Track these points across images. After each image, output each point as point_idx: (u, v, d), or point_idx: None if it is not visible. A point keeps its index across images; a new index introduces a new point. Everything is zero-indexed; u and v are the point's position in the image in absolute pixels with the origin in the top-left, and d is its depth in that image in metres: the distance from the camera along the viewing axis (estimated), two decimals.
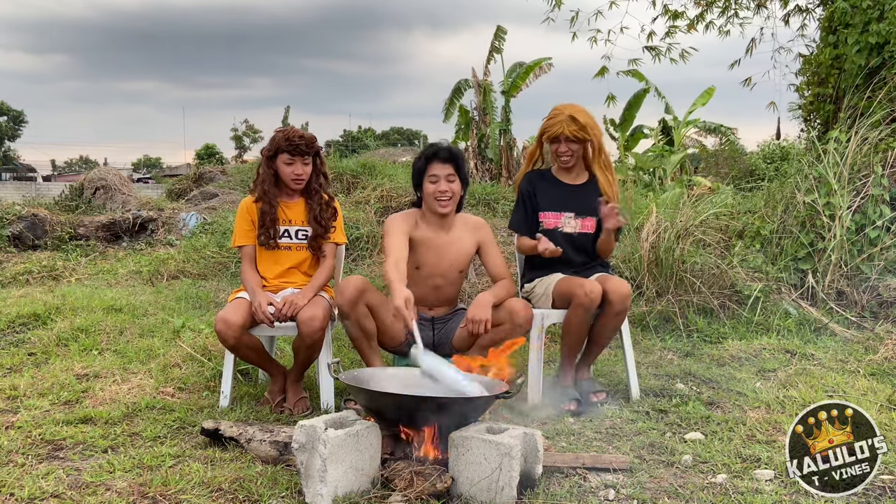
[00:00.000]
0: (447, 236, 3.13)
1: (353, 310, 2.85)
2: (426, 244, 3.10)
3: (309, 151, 3.12)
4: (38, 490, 2.13)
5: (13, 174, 47.55)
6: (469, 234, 3.18)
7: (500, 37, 13.58)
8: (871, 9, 5.51)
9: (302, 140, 3.09)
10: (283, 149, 3.09)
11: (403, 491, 2.07)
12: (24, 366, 3.60)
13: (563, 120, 3.24)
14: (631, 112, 15.48)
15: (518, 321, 2.91)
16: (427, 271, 3.11)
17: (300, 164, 3.12)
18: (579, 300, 3.01)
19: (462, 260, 3.16)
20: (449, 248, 3.12)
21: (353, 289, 2.83)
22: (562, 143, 3.29)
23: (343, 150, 23.36)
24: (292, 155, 3.10)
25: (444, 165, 3.04)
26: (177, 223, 8.35)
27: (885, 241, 4.82)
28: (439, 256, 3.11)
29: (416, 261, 3.08)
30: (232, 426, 2.52)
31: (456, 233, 3.16)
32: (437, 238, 3.11)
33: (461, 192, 3.11)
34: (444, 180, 3.03)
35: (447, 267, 3.13)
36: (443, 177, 3.03)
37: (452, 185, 3.05)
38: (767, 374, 3.67)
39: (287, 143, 3.08)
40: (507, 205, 7.78)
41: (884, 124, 5.29)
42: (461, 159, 3.11)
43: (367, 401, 2.31)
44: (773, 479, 2.27)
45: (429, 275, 3.11)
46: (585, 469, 2.32)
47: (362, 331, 2.92)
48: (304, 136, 3.13)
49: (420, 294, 3.11)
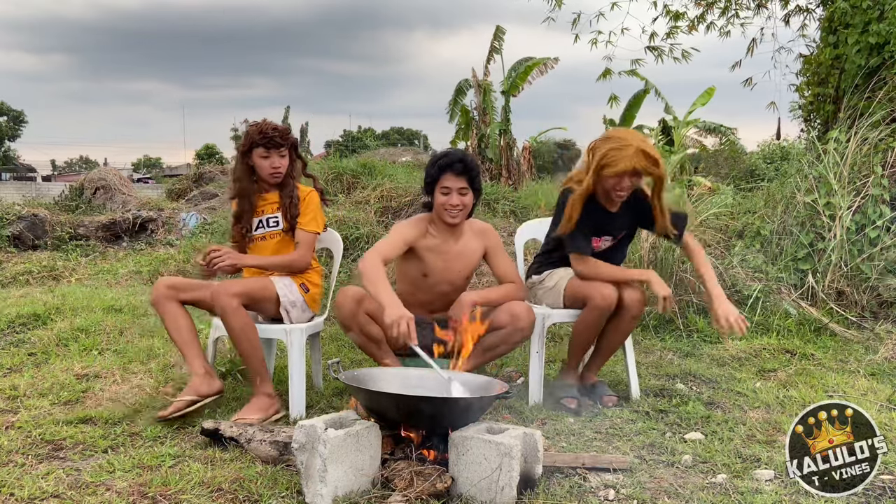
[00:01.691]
0: (456, 245, 3.09)
1: (354, 320, 2.83)
2: (435, 252, 3.05)
3: (284, 143, 3.08)
4: (38, 490, 2.13)
5: (13, 174, 47.56)
6: (476, 241, 3.14)
7: (500, 37, 13.59)
8: (871, 9, 5.51)
9: (276, 132, 3.05)
10: (257, 142, 3.04)
11: (403, 491, 2.07)
12: (24, 366, 3.60)
13: (632, 154, 2.82)
14: (631, 112, 15.47)
15: (520, 325, 2.90)
16: (435, 279, 3.08)
17: (276, 156, 3.07)
18: (595, 303, 2.95)
19: (470, 268, 3.15)
20: (458, 256, 3.09)
21: (350, 301, 2.81)
22: (625, 178, 2.91)
23: (343, 150, 23.36)
24: (267, 148, 3.05)
25: (458, 178, 2.95)
26: (177, 223, 8.36)
27: (885, 241, 4.82)
28: (447, 265, 3.07)
29: (423, 268, 3.06)
30: (232, 426, 2.52)
31: (464, 241, 3.11)
32: (445, 246, 3.07)
33: (473, 202, 3.04)
34: (457, 193, 2.95)
35: (455, 275, 3.10)
36: (455, 189, 2.95)
37: (464, 199, 2.97)
38: (767, 374, 3.67)
39: (261, 137, 3.03)
40: (507, 205, 7.78)
41: (884, 124, 5.30)
42: (475, 171, 2.99)
43: (367, 401, 2.31)
44: (773, 479, 2.27)
45: (436, 282, 3.08)
46: (585, 469, 2.32)
47: (368, 338, 2.88)
48: (278, 128, 3.08)
49: (426, 300, 3.11)
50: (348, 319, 2.83)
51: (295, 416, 2.86)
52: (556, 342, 4.44)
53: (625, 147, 2.84)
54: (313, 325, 3.13)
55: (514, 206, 7.80)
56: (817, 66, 6.22)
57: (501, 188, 9.07)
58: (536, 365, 3.14)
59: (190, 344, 2.86)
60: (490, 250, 3.15)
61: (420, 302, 3.10)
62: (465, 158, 3.00)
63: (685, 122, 15.81)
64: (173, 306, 2.88)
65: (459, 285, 3.13)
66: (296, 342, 2.96)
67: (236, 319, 2.81)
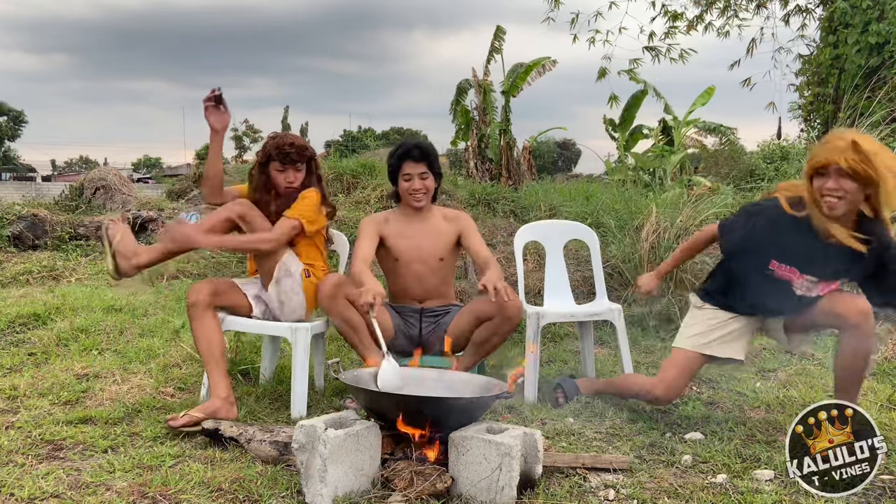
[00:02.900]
0: (421, 224, 3.21)
1: (333, 303, 2.87)
2: (400, 233, 3.19)
3: (300, 159, 3.07)
4: (38, 490, 2.13)
5: (13, 174, 47.53)
6: (448, 225, 3.23)
7: (500, 37, 13.57)
8: (871, 9, 5.52)
9: (292, 148, 3.03)
10: (273, 157, 3.05)
11: (403, 491, 2.07)
12: (24, 366, 3.60)
13: (840, 147, 2.38)
14: (631, 112, 15.46)
15: (508, 314, 2.89)
16: (405, 259, 3.17)
17: (292, 171, 3.07)
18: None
19: (440, 246, 3.19)
20: (424, 234, 3.19)
21: (329, 284, 2.89)
22: (831, 178, 2.39)
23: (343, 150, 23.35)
24: (283, 163, 3.05)
25: (417, 164, 3.15)
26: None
27: None
28: (416, 243, 3.18)
29: (394, 253, 3.18)
30: (232, 426, 2.52)
31: (432, 221, 3.23)
32: (410, 227, 3.21)
33: (435, 185, 3.21)
34: (418, 178, 3.16)
35: (426, 254, 3.17)
36: (416, 175, 3.15)
37: (426, 182, 3.17)
38: (767, 374, 3.67)
39: (278, 152, 3.03)
40: (507, 205, 7.78)
41: (884, 124, 5.30)
42: (433, 156, 3.19)
43: (367, 401, 2.31)
44: (773, 479, 2.27)
45: (407, 262, 3.17)
46: (585, 469, 2.32)
47: (347, 323, 2.92)
48: (296, 143, 3.05)
49: (404, 285, 3.20)
50: (327, 301, 2.88)
51: (296, 416, 2.86)
52: (555, 342, 4.44)
53: (834, 140, 2.45)
54: (318, 325, 3.14)
55: (514, 206, 7.80)
56: (817, 66, 6.24)
57: (501, 188, 9.06)
58: (532, 364, 3.17)
59: (218, 362, 2.83)
60: (465, 232, 3.23)
61: (401, 288, 3.22)
62: (421, 144, 3.23)
63: (685, 122, 15.82)
64: (209, 316, 2.86)
65: (434, 266, 3.19)
66: (301, 341, 2.96)
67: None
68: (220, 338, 2.88)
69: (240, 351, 3.60)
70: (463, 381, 2.56)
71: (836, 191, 2.40)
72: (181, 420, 2.62)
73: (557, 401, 3.08)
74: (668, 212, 5.49)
